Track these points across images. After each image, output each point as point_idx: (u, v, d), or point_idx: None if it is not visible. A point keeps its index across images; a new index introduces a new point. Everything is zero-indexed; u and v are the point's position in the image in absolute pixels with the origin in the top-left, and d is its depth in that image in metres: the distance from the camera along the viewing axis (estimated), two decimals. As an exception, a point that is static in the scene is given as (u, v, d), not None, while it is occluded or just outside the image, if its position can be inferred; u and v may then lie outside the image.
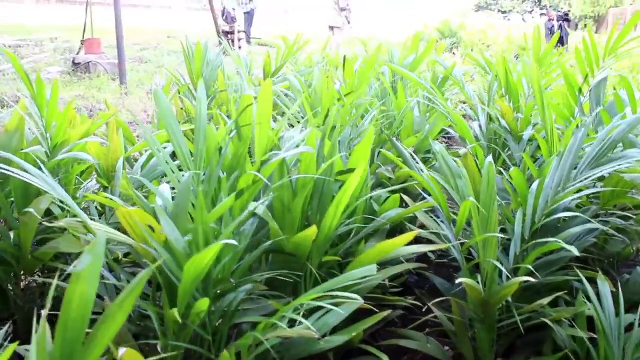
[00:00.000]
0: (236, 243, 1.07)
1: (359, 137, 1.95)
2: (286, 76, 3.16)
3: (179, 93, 2.78)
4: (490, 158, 1.70)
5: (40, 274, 1.72)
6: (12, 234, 1.43)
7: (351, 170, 1.55)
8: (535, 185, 1.71)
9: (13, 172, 1.24)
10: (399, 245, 1.34)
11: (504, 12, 44.33)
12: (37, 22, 15.41)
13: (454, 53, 12.08)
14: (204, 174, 1.42)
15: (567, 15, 13.54)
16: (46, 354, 0.83)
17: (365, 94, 2.16)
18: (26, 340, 1.22)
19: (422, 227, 1.88)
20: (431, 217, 1.80)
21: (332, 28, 13.40)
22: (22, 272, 1.58)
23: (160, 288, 1.27)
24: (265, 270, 1.48)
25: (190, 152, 1.45)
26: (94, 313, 0.82)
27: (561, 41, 13.31)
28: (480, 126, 2.44)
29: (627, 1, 23.71)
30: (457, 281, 1.37)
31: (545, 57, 2.51)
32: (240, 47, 10.98)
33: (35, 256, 1.44)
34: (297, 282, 1.49)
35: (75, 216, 1.60)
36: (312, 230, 1.29)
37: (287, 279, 1.43)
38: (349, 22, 16.07)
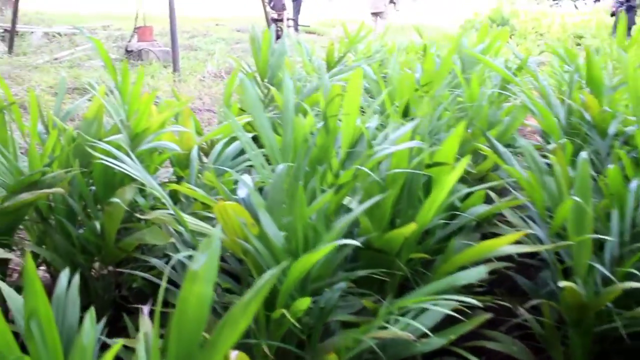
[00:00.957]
0: (357, 243, 1.02)
1: (440, 129, 1.87)
2: (353, 64, 3.09)
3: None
4: (585, 154, 1.60)
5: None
6: (96, 224, 1.42)
7: (440, 164, 1.48)
8: (634, 184, 1.60)
9: (104, 160, 1.22)
10: (502, 245, 1.27)
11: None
12: (90, 10, 15.76)
13: (507, 42, 11.72)
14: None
15: (627, 1, 12.85)
16: (158, 355, 0.79)
17: (442, 84, 2.07)
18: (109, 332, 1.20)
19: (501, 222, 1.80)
20: (517, 214, 1.71)
21: (374, 14, 13.20)
22: (104, 262, 1.57)
23: (249, 284, 1.23)
24: (350, 267, 1.43)
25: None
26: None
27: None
28: (559, 119, 2.32)
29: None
30: (561, 284, 1.29)
31: (633, 45, 2.36)
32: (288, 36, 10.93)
33: (120, 247, 1.42)
34: (382, 280, 1.43)
35: (156, 208, 1.59)
36: (410, 228, 1.23)
37: (374, 276, 1.37)
38: (396, 9, 15.81)
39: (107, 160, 1.20)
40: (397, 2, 15.36)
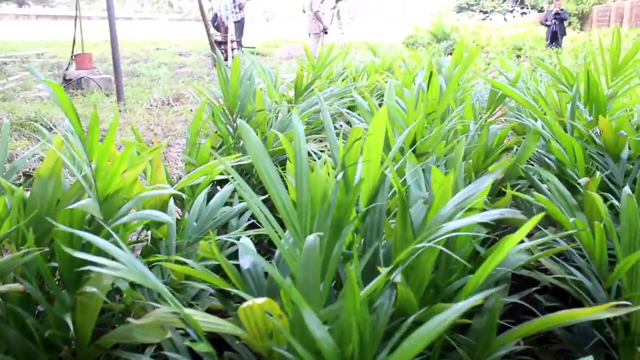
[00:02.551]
0: None
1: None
2: (329, 89, 2.85)
3: (213, 116, 2.46)
4: (627, 189, 1.41)
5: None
6: (67, 317, 1.10)
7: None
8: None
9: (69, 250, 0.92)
10: (579, 317, 1.04)
11: (485, 12, 44.55)
12: (19, 37, 14.97)
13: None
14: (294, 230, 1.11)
15: (558, 14, 13.27)
16: None
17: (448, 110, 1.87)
18: None
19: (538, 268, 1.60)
20: (556, 261, 1.50)
21: (310, 35, 13.16)
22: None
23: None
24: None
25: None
26: None
27: (555, 40, 13.11)
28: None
29: (611, -2, 23.81)
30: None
31: (625, 64, 2.22)
32: (233, 57, 10.63)
33: (97, 344, 1.11)
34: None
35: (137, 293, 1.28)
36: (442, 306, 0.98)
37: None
38: (341, 32, 15.87)
39: (72, 249, 0.90)
40: (342, 23, 15.42)
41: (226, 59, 10.78)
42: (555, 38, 13.04)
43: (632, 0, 19.74)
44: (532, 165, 2.02)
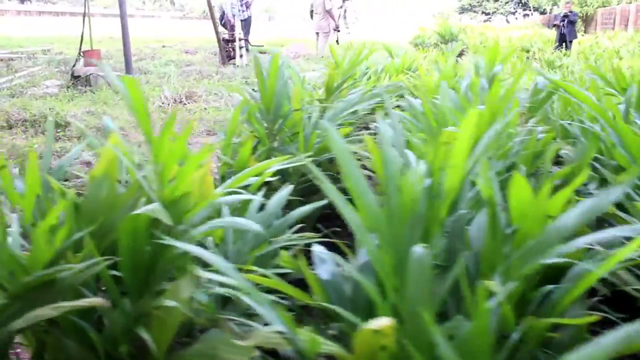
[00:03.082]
0: None
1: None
2: (355, 90, 2.77)
3: (249, 115, 2.37)
4: None
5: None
6: (142, 332, 1.02)
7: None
8: None
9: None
10: None
11: (488, 14, 44.59)
12: (22, 34, 14.85)
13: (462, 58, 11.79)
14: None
15: (566, 16, 13.24)
16: None
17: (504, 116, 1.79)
18: None
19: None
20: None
21: (317, 34, 13.13)
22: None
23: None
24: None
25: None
26: None
27: (563, 42, 13.07)
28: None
29: (615, 1, 23.77)
30: None
31: None
32: (241, 56, 10.56)
33: (171, 360, 1.03)
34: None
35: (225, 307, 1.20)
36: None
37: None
38: (347, 27, 15.79)
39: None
40: (348, 22, 15.38)
41: (233, 57, 10.69)
42: (563, 40, 13.00)
43: (637, 4, 19.70)
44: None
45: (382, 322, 0.76)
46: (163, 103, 6.24)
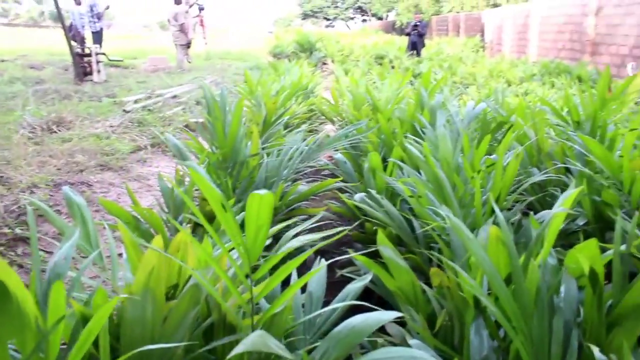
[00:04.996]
0: None
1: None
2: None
3: (208, 166, 2.12)
4: None
5: None
6: None
7: None
8: None
9: None
10: None
11: (329, 20, 46.32)
12: None
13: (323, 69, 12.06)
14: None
15: (416, 26, 14.13)
16: None
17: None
18: None
19: None
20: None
21: (176, 45, 12.70)
22: None
23: None
24: None
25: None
26: None
27: (414, 49, 13.97)
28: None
29: (446, 9, 26.02)
30: None
31: (618, 95, 2.36)
32: (99, 71, 9.79)
33: None
34: None
35: None
36: None
37: None
38: (204, 37, 15.42)
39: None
40: (205, 33, 15.10)
41: (90, 73, 9.87)
42: (415, 47, 13.93)
43: (466, 14, 21.77)
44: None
45: None
46: (31, 132, 5.53)
